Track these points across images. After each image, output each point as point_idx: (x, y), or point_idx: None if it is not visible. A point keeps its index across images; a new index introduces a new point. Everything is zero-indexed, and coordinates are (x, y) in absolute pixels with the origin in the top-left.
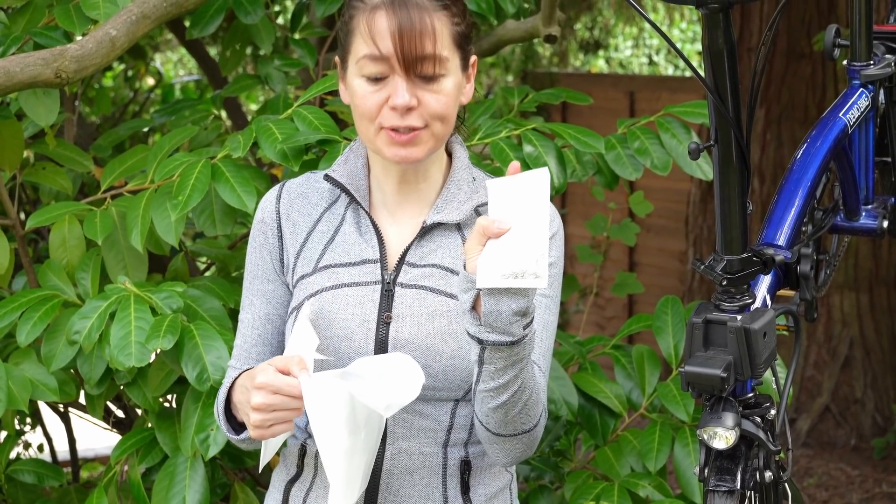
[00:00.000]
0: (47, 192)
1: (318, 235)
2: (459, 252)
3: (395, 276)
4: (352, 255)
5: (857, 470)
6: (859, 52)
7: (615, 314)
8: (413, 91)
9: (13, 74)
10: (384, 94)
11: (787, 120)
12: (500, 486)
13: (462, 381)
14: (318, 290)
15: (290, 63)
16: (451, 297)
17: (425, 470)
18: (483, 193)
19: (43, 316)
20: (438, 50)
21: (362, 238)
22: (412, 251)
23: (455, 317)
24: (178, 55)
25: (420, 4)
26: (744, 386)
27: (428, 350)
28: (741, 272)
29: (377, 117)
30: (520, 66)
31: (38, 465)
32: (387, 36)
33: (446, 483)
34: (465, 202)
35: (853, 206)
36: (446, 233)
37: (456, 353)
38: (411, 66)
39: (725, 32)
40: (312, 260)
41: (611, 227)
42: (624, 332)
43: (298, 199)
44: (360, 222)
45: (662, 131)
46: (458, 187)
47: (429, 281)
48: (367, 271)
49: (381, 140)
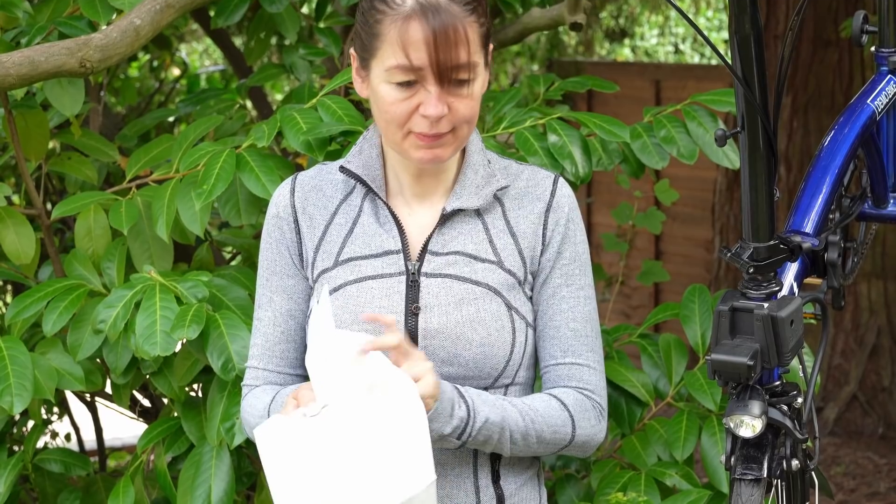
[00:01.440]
0: (73, 182)
1: (336, 228)
2: (481, 237)
3: (419, 265)
4: (373, 247)
5: (885, 458)
6: (888, 39)
7: (641, 303)
8: (444, 99)
9: (38, 64)
10: (414, 102)
11: (814, 107)
12: (530, 474)
13: (492, 368)
14: (341, 285)
15: (314, 52)
16: (476, 284)
17: (456, 461)
18: (500, 177)
19: (69, 305)
20: (472, 57)
21: (382, 229)
22: (434, 239)
23: (482, 303)
24: (203, 45)
25: (452, 12)
26: (771, 374)
27: (458, 339)
28: (768, 259)
29: (407, 123)
30: (545, 54)
31: (65, 454)
32: (421, 47)
33: (477, 473)
34: (482, 186)
35: (881, 193)
36: (466, 219)
37: (486, 341)
38: (445, 75)
39: (752, 18)
40: (332, 254)
41: (636, 215)
42: (650, 321)
43: (313, 193)
44: (378, 213)
45: (689, 120)
46: (475, 172)
47: (453, 269)
48: (390, 262)
49: (408, 143)
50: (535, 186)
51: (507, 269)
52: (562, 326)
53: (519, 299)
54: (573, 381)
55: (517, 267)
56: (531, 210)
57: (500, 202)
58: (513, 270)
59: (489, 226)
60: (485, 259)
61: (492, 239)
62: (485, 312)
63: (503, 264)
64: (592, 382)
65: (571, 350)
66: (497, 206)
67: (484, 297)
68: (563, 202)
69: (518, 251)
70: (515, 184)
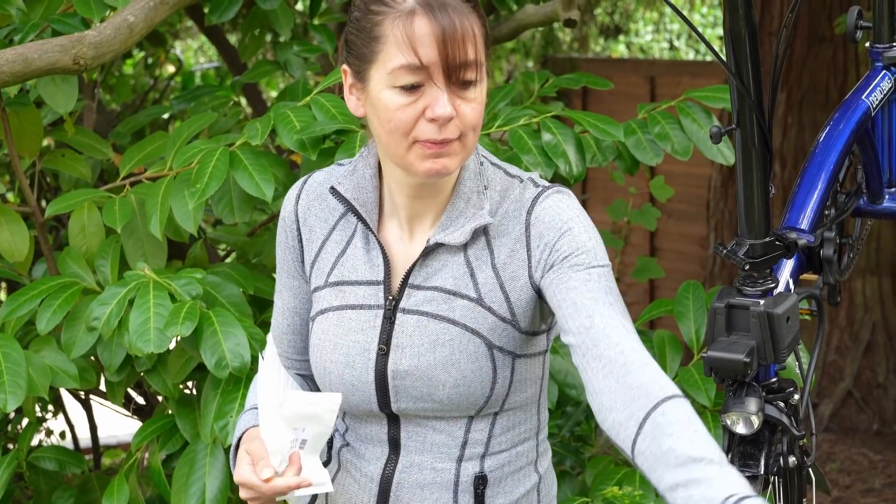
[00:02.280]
0: (67, 180)
1: (332, 246)
2: (462, 272)
3: (397, 301)
4: (359, 273)
5: (880, 455)
6: (882, 34)
7: (636, 299)
8: (452, 101)
9: (31, 61)
10: (420, 106)
11: (809, 104)
12: (524, 491)
13: (470, 404)
14: (326, 308)
15: (309, 49)
16: (453, 323)
17: (436, 485)
18: (486, 211)
19: (63, 303)
20: (479, 55)
21: (369, 256)
22: (416, 272)
23: (458, 345)
24: (198, 43)
25: (457, 7)
26: (767, 371)
27: (430, 380)
28: (764, 256)
29: (412, 131)
30: (540, 51)
31: (60, 451)
32: (428, 43)
33: (457, 499)
34: (470, 220)
35: (876, 189)
36: (450, 252)
37: (459, 382)
38: (454, 73)
39: (746, 15)
40: (324, 272)
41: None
42: (645, 318)
43: (317, 202)
44: (368, 238)
45: (683, 116)
46: (466, 201)
47: (430, 306)
48: (371, 293)
49: (413, 154)
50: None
51: (486, 306)
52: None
53: (503, 336)
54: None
55: (498, 303)
56: (510, 237)
57: (485, 233)
58: (493, 308)
59: (471, 259)
60: (464, 296)
61: (473, 273)
62: (460, 354)
63: (483, 301)
64: (633, 342)
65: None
66: (482, 237)
67: (460, 337)
68: (541, 215)
69: (500, 285)
70: (502, 207)
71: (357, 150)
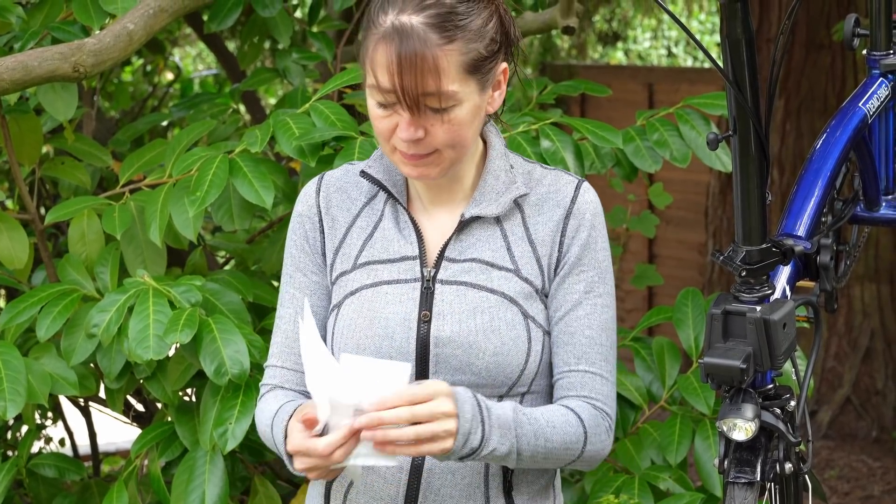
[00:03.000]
0: (66, 187)
1: (358, 231)
2: (499, 245)
3: (434, 272)
4: (391, 252)
5: (879, 462)
6: (879, 42)
7: (635, 306)
8: (420, 123)
9: (31, 69)
10: (393, 122)
11: (807, 110)
12: (544, 483)
13: (506, 377)
14: (357, 288)
15: (308, 56)
16: (492, 292)
17: (467, 469)
18: (521, 184)
19: (62, 310)
20: (444, 86)
21: (401, 234)
22: (451, 246)
23: (497, 312)
24: (196, 50)
25: (424, 39)
26: (763, 377)
27: (470, 347)
28: (760, 263)
29: (390, 139)
30: (538, 58)
31: (59, 458)
32: (385, 72)
33: (488, 482)
34: (503, 193)
35: (873, 196)
36: (485, 226)
37: (499, 350)
38: (413, 102)
39: (744, 22)
40: (351, 256)
41: (630, 218)
42: (644, 325)
43: (337, 194)
44: (398, 218)
45: (681, 123)
46: (496, 178)
47: (469, 276)
48: (406, 268)
49: (396, 158)
50: (557, 192)
51: (524, 277)
52: (577, 333)
53: (536, 308)
54: (586, 390)
55: (534, 275)
56: (550, 217)
57: (520, 208)
58: (530, 279)
59: (508, 233)
60: (502, 267)
61: (510, 246)
62: (499, 321)
63: (520, 272)
64: (604, 394)
65: (586, 357)
66: (517, 213)
67: (499, 305)
68: (584, 208)
69: (536, 259)
70: (537, 189)
71: (356, 156)
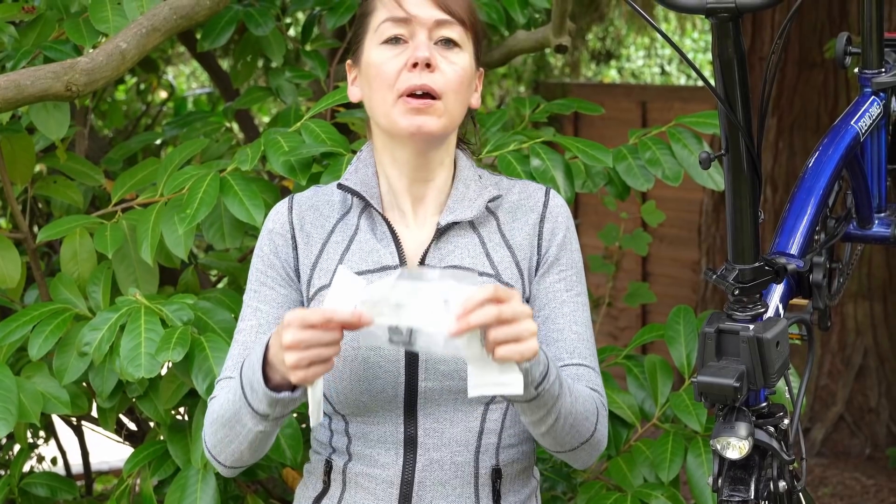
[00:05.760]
0: (59, 206)
1: (333, 246)
2: (478, 251)
3: None
4: (370, 262)
5: (872, 479)
6: (871, 60)
7: (628, 324)
8: (432, 50)
9: (24, 88)
10: (404, 58)
11: (800, 128)
12: (529, 493)
13: None
14: None
15: (301, 75)
16: None
17: (457, 480)
18: (492, 189)
19: (55, 329)
20: (464, 15)
21: (380, 244)
22: (431, 254)
23: None
24: (190, 68)
25: None
26: (757, 395)
27: None
28: (753, 281)
29: (395, 83)
30: (531, 76)
31: (52, 478)
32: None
33: (478, 493)
34: (475, 199)
35: (866, 214)
36: (462, 232)
37: None
38: (435, 25)
39: (735, 41)
40: (329, 271)
41: (623, 236)
42: (636, 342)
43: (310, 212)
44: (375, 228)
45: (674, 142)
46: (466, 185)
47: None
48: None
49: (397, 110)
50: (528, 198)
51: (504, 282)
52: (565, 329)
53: None
54: (583, 380)
55: (515, 279)
56: (525, 221)
57: (494, 216)
58: (510, 283)
59: (485, 239)
60: (482, 272)
61: (488, 252)
62: None
63: (501, 277)
64: (599, 385)
65: (577, 352)
66: (492, 220)
67: None
68: (556, 211)
69: (515, 263)
70: (508, 196)
71: (343, 172)
